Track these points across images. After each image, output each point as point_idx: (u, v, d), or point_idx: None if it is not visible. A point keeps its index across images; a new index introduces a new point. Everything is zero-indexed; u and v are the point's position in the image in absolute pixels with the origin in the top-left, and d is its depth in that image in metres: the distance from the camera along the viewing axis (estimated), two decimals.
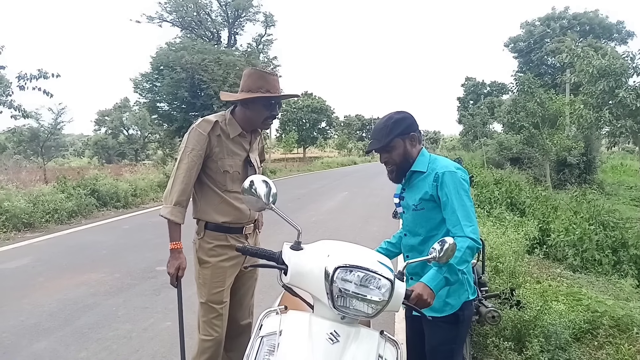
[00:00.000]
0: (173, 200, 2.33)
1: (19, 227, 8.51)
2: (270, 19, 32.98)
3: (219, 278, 2.45)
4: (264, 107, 2.40)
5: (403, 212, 2.23)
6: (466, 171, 2.15)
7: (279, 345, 1.46)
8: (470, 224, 1.94)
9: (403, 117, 2.12)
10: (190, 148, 2.35)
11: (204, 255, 2.45)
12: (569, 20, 44.03)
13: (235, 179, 2.44)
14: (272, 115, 2.45)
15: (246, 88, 2.39)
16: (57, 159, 41.53)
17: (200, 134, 2.35)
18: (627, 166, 29.10)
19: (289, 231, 1.70)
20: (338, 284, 1.45)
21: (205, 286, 2.45)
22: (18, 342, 3.76)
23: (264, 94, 2.36)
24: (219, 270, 2.44)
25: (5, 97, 10.89)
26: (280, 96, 2.47)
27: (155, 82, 26.03)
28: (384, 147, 2.11)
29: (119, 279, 5.37)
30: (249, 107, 2.41)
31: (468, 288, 2.11)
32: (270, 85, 2.38)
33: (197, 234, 2.49)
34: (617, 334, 3.50)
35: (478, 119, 37.35)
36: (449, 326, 2.07)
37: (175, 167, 2.39)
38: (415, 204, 2.09)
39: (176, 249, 2.39)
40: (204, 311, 2.46)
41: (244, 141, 2.50)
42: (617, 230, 6.69)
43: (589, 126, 13.24)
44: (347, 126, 76.50)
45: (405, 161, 2.13)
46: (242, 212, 2.45)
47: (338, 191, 16.05)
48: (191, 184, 2.37)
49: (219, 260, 2.44)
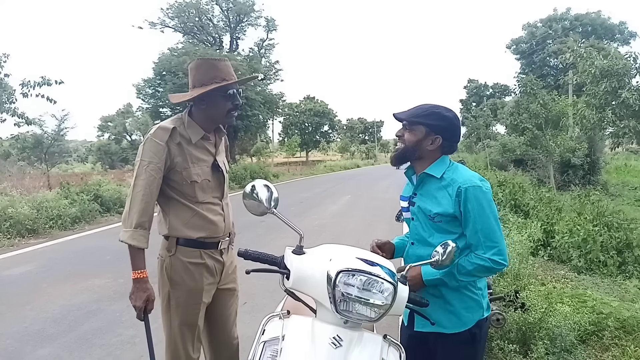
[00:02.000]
0: (133, 223, 2.04)
1: (22, 233, 8.54)
2: (272, 24, 33.06)
3: (195, 300, 2.20)
4: (223, 98, 2.14)
5: (412, 219, 2.02)
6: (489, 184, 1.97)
7: (281, 351, 1.45)
8: (494, 245, 1.80)
9: (446, 116, 1.93)
10: (147, 161, 2.05)
11: (176, 276, 2.17)
12: (571, 21, 44.02)
13: (206, 188, 2.19)
14: (235, 106, 2.19)
15: (198, 82, 2.14)
16: (61, 165, 41.63)
17: (157, 144, 2.06)
18: (631, 167, 29.00)
19: (291, 235, 1.69)
20: (341, 288, 1.45)
21: (179, 308, 2.20)
22: (22, 348, 3.76)
23: (219, 83, 2.10)
24: (194, 291, 2.19)
25: (9, 104, 10.95)
26: (239, 81, 2.21)
27: (157, 87, 26.16)
28: (406, 119, 1.96)
29: (122, 285, 5.37)
30: (207, 102, 2.14)
31: (483, 305, 1.95)
32: (224, 72, 2.14)
33: (166, 250, 2.20)
34: (623, 336, 3.47)
35: (481, 121, 37.31)
36: (466, 347, 1.91)
37: (132, 185, 2.08)
38: (432, 215, 1.89)
39: (141, 278, 2.12)
40: (179, 334, 2.22)
41: (209, 144, 2.23)
42: (621, 231, 6.65)
43: (592, 127, 13.18)
44: (350, 129, 76.56)
45: (413, 151, 1.96)
46: (217, 225, 2.21)
47: (341, 195, 16.04)
48: (152, 201, 2.09)
49: (194, 280, 2.18)
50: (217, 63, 2.17)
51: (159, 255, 2.25)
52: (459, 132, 2.01)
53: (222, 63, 2.18)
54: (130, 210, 2.07)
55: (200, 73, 2.14)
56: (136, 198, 2.06)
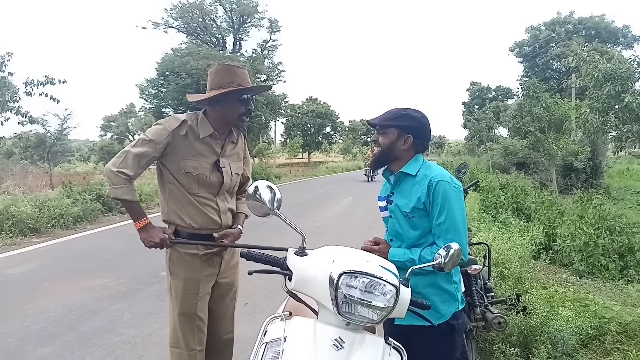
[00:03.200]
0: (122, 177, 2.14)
1: (25, 232, 8.54)
2: (275, 25, 33.11)
3: (191, 290, 2.31)
4: (237, 102, 2.27)
5: (390, 217, 2.16)
6: (460, 183, 2.11)
7: (283, 352, 1.45)
8: (454, 239, 1.85)
9: (415, 117, 2.08)
10: (148, 139, 2.20)
11: (174, 266, 2.33)
12: (574, 24, 43.91)
13: (202, 183, 2.30)
14: (248, 111, 2.32)
15: (215, 85, 2.27)
16: (63, 164, 41.65)
17: (164, 128, 2.22)
18: (634, 171, 28.92)
19: (292, 236, 1.69)
20: (343, 289, 1.45)
21: (177, 297, 2.32)
22: (23, 347, 3.76)
23: (235, 88, 2.24)
24: (191, 282, 2.31)
25: (12, 103, 10.97)
26: (253, 87, 2.37)
27: (160, 87, 26.25)
28: (378, 125, 2.11)
29: (124, 284, 5.38)
30: (222, 104, 2.28)
31: (458, 297, 2.10)
32: (241, 78, 2.28)
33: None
34: (624, 340, 3.46)
35: (483, 124, 37.26)
36: (446, 337, 2.05)
37: (124, 149, 2.22)
38: (407, 211, 2.03)
39: (144, 225, 2.25)
40: (178, 323, 2.32)
41: (215, 143, 2.35)
42: (623, 235, 6.63)
43: (595, 131, 13.16)
44: (352, 131, 76.47)
45: (387, 153, 2.09)
46: (210, 217, 2.33)
47: (343, 196, 16.04)
48: (138, 169, 2.19)
49: (191, 270, 2.31)
50: (236, 69, 2.31)
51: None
52: (429, 130, 2.13)
53: (240, 70, 2.33)
54: (119, 165, 2.15)
55: (219, 77, 2.27)
56: (127, 158, 2.16)
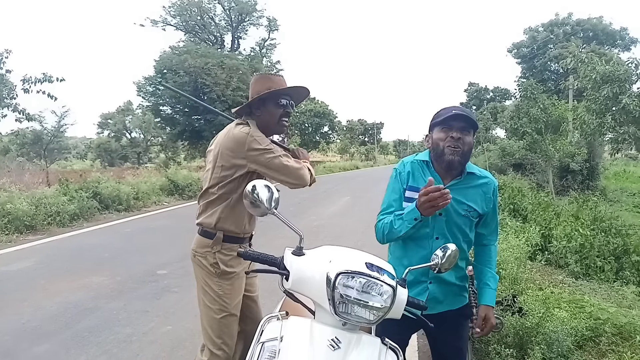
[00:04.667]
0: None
1: (21, 229, 8.52)
2: (274, 23, 33.10)
3: (241, 287, 2.42)
4: (275, 106, 2.36)
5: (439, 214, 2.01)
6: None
7: (279, 352, 1.45)
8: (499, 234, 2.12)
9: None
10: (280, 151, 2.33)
11: (226, 266, 2.33)
12: (572, 26, 44.06)
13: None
14: (287, 113, 2.41)
15: (255, 93, 2.36)
16: (60, 161, 41.54)
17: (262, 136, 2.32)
18: (630, 173, 29.05)
19: (290, 236, 1.69)
20: (340, 290, 1.44)
21: (228, 297, 2.35)
22: (18, 344, 3.75)
23: (269, 91, 2.32)
24: (240, 279, 2.41)
25: (10, 99, 10.93)
26: (288, 88, 2.41)
27: (158, 85, 26.12)
28: (474, 125, 2.01)
29: (120, 283, 5.37)
30: (261, 110, 2.37)
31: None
32: (277, 84, 2.36)
33: (210, 247, 2.33)
34: (619, 342, 3.48)
35: (481, 125, 37.19)
36: (466, 322, 2.22)
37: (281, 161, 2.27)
38: (469, 210, 2.03)
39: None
40: (224, 324, 2.35)
41: None
42: (619, 237, 6.67)
43: (592, 132, 13.21)
44: (350, 131, 76.49)
45: (468, 155, 2.02)
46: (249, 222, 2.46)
47: (340, 196, 16.05)
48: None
49: (241, 269, 2.39)
50: (272, 77, 2.43)
51: (196, 252, 2.36)
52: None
53: (276, 77, 2.44)
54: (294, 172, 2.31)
55: (258, 85, 2.37)
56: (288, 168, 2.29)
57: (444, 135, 1.99)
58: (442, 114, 2.01)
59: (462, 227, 2.04)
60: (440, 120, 2.01)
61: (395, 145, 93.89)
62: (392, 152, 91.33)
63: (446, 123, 1.98)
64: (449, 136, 1.97)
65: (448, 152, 1.96)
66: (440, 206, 1.85)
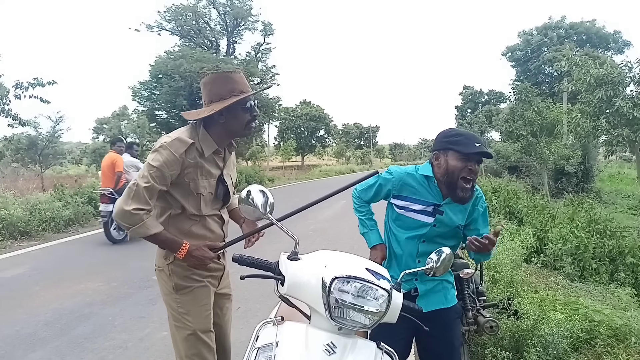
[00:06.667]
0: (140, 214, 1.92)
1: (15, 235, 8.49)
2: (269, 28, 33.09)
3: (204, 301, 2.15)
4: (242, 110, 2.11)
5: (434, 226, 2.14)
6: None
7: (275, 357, 1.45)
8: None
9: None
10: (155, 169, 1.96)
11: (182, 280, 2.10)
12: (566, 29, 44.34)
13: (208, 202, 2.15)
14: (254, 117, 2.16)
15: (215, 97, 2.08)
16: (55, 166, 41.16)
17: (171, 154, 1.99)
18: (625, 175, 29.20)
19: (285, 241, 1.69)
20: (335, 294, 1.45)
21: (189, 314, 2.11)
22: (13, 352, 3.73)
23: (238, 96, 2.06)
24: (202, 291, 2.15)
25: (3, 105, 10.86)
26: (258, 91, 2.19)
27: (153, 90, 26.11)
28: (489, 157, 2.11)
29: (115, 288, 5.35)
30: (226, 116, 2.09)
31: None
32: (241, 84, 2.10)
33: (164, 259, 2.12)
34: (615, 344, 3.49)
35: (476, 128, 37.53)
36: (458, 320, 2.30)
37: (132, 183, 1.97)
38: (462, 224, 2.17)
39: (188, 249, 2.02)
40: (190, 345, 2.11)
41: (218, 158, 2.20)
42: (614, 239, 6.69)
43: (586, 135, 13.30)
44: (346, 134, 76.71)
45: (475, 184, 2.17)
46: (215, 232, 2.20)
47: (336, 199, 15.99)
48: (152, 202, 2.00)
49: (201, 281, 2.14)
50: (233, 75, 2.12)
51: (156, 266, 2.17)
52: None
53: (237, 75, 2.13)
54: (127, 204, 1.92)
55: (217, 87, 2.09)
56: (136, 193, 1.93)
57: (462, 165, 2.03)
58: (463, 143, 2.04)
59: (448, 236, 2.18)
60: (461, 151, 2.03)
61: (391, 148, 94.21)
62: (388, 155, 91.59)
63: (466, 154, 2.03)
64: (466, 167, 2.03)
65: (461, 184, 2.04)
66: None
